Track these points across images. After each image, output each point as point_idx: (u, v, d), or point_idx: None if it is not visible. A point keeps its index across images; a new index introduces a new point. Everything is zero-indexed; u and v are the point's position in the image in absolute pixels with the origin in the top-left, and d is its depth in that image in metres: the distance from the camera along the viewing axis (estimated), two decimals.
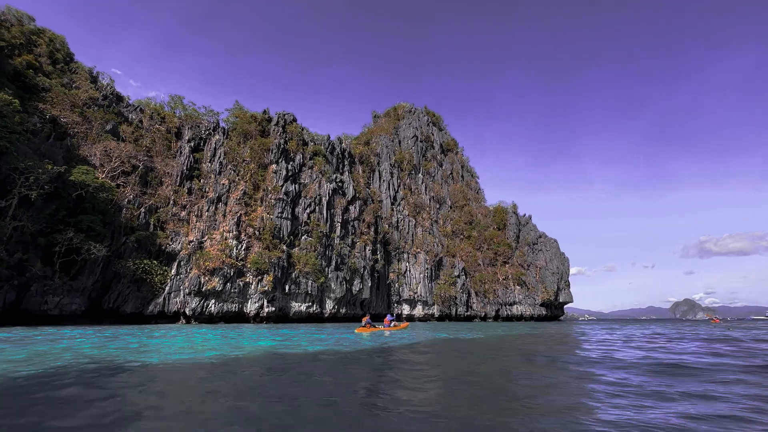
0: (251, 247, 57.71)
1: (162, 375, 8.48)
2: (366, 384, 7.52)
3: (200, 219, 58.51)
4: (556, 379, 7.87)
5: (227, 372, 8.80)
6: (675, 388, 6.91)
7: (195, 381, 7.70)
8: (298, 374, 8.38)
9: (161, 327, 37.70)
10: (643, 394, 6.44)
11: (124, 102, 70.48)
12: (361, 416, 5.15)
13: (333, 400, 5.96)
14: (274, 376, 8.23)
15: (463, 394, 6.58)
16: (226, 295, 53.58)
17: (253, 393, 6.54)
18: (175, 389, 6.95)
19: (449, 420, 4.90)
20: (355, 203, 76.41)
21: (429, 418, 5.01)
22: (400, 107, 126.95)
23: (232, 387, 6.96)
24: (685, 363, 10.23)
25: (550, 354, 12.99)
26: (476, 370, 9.37)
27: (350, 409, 5.52)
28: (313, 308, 61.13)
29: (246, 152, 67.00)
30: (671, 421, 4.83)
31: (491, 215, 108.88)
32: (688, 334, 26.21)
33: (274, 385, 7.28)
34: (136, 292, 50.83)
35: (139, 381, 7.56)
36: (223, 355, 11.81)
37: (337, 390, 6.82)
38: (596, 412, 5.27)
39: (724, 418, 4.97)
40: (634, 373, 8.70)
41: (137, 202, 55.84)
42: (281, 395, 6.27)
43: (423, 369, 9.70)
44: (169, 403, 5.79)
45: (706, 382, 7.46)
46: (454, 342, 18.59)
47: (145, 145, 62.80)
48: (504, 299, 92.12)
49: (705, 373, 8.64)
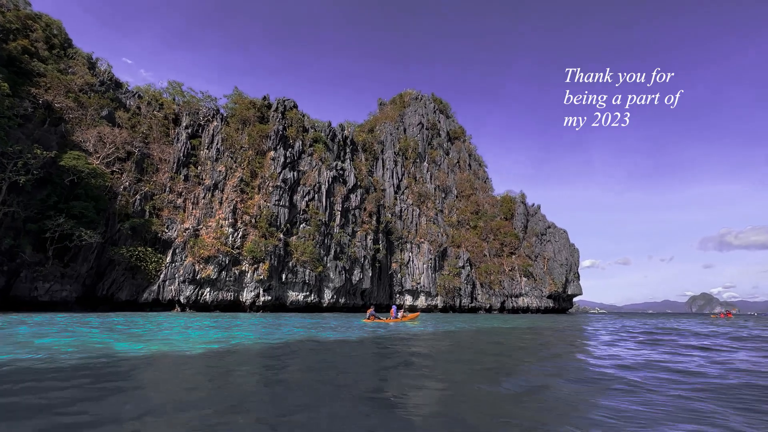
0: (247, 235, 56.70)
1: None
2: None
3: (196, 206, 57.63)
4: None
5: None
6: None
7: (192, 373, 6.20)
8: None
9: (153, 315, 36.97)
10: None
11: (123, 88, 69.73)
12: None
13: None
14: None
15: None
16: (221, 283, 52.81)
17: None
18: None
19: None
20: (356, 191, 74.68)
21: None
22: (407, 94, 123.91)
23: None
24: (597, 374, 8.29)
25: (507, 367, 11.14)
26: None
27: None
28: (310, 298, 60.08)
29: (244, 139, 65.70)
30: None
31: (498, 205, 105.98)
32: (666, 330, 23.89)
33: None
34: (131, 279, 50.39)
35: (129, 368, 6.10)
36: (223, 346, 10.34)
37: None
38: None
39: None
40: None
41: (133, 189, 55.16)
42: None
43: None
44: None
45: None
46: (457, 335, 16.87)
47: (142, 131, 61.91)
48: (510, 291, 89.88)
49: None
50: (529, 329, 22.06)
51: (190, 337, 13.51)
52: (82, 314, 33.79)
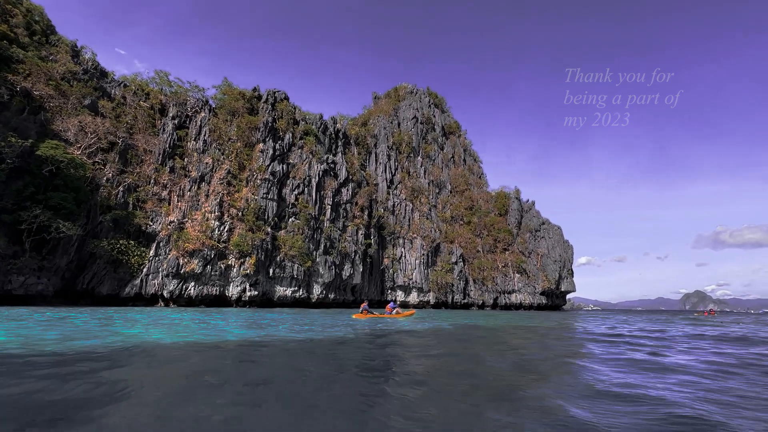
0: (234, 229, 55.47)
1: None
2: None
3: (182, 199, 56.26)
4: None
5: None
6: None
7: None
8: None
9: (131, 309, 35.77)
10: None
11: (109, 78, 67.85)
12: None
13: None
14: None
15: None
16: (206, 277, 51.64)
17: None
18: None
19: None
20: (347, 185, 73.47)
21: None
22: (402, 88, 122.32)
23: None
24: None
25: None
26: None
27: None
28: (299, 293, 59.05)
29: (232, 130, 64.22)
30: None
31: (493, 201, 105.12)
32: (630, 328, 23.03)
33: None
34: (113, 273, 49.10)
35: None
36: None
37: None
38: None
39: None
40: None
41: (116, 181, 53.68)
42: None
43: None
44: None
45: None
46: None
47: (127, 121, 60.25)
48: (503, 287, 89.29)
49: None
50: (512, 329, 21.11)
51: (148, 333, 12.41)
52: (57, 308, 32.56)
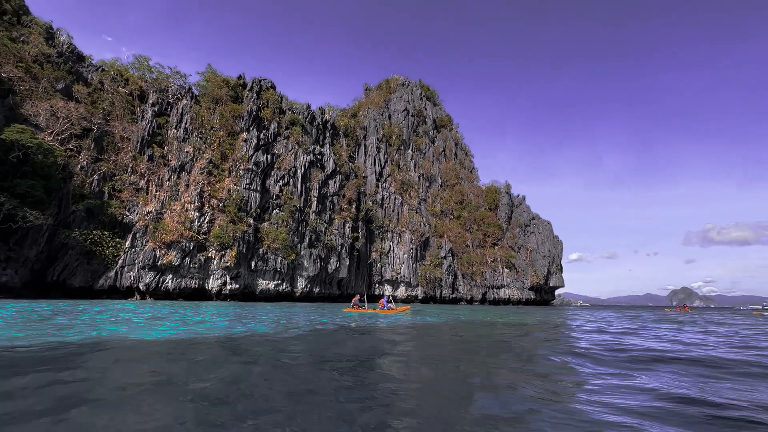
0: (215, 220, 53.72)
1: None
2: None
3: (160, 188, 54.27)
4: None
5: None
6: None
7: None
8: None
9: (101, 302, 34.06)
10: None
11: (86, 62, 65.09)
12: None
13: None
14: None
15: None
16: (184, 270, 49.94)
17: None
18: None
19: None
20: (335, 177, 71.86)
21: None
22: (393, 80, 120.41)
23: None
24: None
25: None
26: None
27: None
28: (282, 286, 57.62)
29: (215, 119, 62.10)
30: None
31: (483, 195, 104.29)
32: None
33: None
34: (86, 265, 47.16)
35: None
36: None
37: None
38: None
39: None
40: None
41: (90, 169, 51.49)
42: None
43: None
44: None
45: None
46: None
47: (103, 107, 57.83)
48: (492, 282, 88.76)
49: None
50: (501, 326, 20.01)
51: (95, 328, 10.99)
52: (21, 301, 30.76)
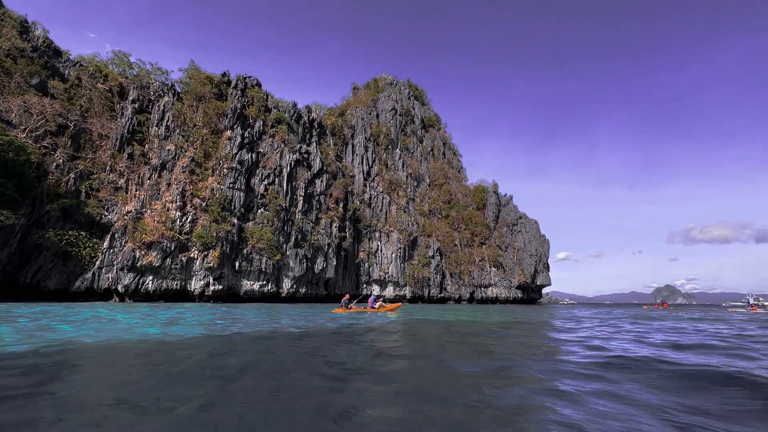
0: (197, 220, 52.52)
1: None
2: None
3: (140, 187, 52.83)
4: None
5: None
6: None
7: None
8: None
9: (73, 305, 32.79)
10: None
11: (63, 57, 63.07)
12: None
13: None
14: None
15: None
16: (165, 271, 48.66)
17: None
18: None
19: None
20: (322, 177, 71.09)
21: None
22: (381, 79, 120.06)
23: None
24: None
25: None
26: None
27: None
28: (267, 287, 56.66)
29: (198, 116, 60.78)
30: None
31: (471, 195, 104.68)
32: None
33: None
34: (61, 266, 45.57)
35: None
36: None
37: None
38: None
39: None
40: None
41: (67, 167, 49.80)
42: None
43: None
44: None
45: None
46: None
47: (81, 104, 56.06)
48: (479, 281, 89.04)
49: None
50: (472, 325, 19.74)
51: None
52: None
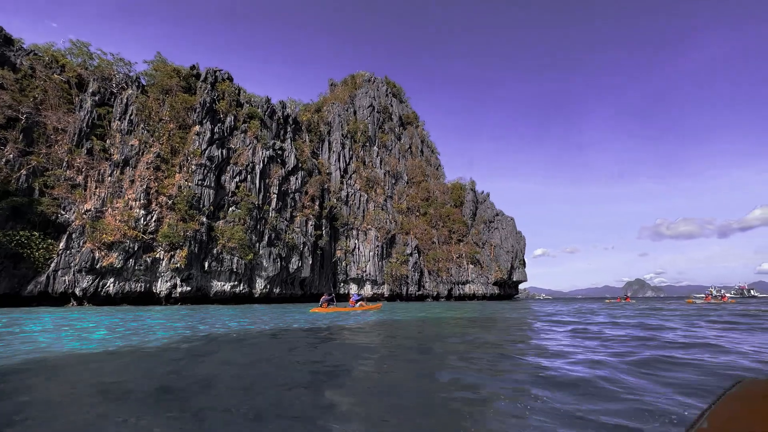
0: (163, 219, 50.13)
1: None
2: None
3: (101, 185, 49.93)
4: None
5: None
6: None
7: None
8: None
9: (32, 311, 30.34)
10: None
11: (15, 45, 58.89)
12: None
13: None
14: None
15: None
16: (128, 273, 46.17)
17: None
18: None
19: None
20: (297, 174, 69.47)
21: None
22: (359, 76, 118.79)
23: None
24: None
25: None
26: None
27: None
28: (239, 288, 54.81)
29: (164, 110, 58.05)
30: None
31: (449, 192, 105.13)
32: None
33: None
34: (12, 269, 42.45)
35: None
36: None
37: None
38: None
39: None
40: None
41: (17, 163, 46.43)
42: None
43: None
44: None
45: None
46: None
47: (34, 96, 52.46)
48: (457, 278, 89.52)
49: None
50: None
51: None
52: None
